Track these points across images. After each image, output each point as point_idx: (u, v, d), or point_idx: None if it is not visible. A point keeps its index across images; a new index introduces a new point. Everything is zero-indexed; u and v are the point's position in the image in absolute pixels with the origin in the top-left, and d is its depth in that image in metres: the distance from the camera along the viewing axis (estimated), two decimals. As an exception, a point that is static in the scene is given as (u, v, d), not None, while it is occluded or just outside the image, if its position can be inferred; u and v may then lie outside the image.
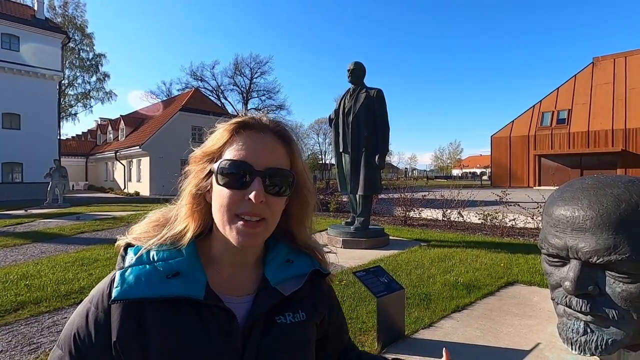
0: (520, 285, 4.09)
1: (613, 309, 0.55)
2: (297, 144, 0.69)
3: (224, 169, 0.61)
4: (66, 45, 23.77)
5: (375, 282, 2.79)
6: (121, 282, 0.59)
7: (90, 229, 8.22)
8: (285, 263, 0.72)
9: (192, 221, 0.65)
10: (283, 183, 0.64)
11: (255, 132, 0.65)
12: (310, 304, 0.72)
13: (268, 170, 0.62)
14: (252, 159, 0.62)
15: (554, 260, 0.61)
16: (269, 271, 0.70)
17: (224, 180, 0.61)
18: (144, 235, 0.66)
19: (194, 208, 0.65)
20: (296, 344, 0.67)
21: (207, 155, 0.65)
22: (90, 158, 31.77)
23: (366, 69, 6.59)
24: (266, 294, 0.67)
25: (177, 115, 23.61)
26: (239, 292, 0.67)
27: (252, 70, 43.04)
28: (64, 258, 5.41)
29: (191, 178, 0.66)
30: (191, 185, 0.65)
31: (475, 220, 8.96)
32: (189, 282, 0.61)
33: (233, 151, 0.63)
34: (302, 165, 0.69)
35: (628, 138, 23.89)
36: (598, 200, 0.56)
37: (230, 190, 0.61)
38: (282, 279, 0.70)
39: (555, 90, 28.74)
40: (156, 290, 0.59)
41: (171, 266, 0.61)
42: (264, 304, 0.65)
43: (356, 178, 6.35)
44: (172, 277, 0.60)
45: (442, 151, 75.43)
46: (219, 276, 0.66)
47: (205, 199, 0.66)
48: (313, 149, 55.34)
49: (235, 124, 0.65)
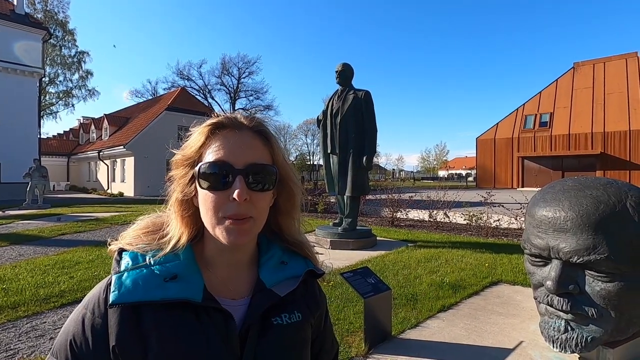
0: (504, 284, 4.17)
1: (592, 307, 0.57)
2: (275, 138, 0.69)
3: (205, 172, 0.61)
4: (47, 42, 23.12)
5: (362, 283, 2.80)
6: (118, 286, 0.58)
7: (72, 231, 8.00)
8: (280, 265, 0.72)
9: (184, 227, 0.66)
10: (266, 179, 0.63)
11: (231, 131, 0.64)
12: (304, 304, 0.73)
13: (249, 167, 0.62)
14: (231, 158, 0.61)
15: (536, 260, 0.63)
16: (264, 273, 0.70)
17: (206, 183, 0.61)
18: (136, 241, 0.66)
19: (183, 214, 0.66)
20: (293, 344, 0.68)
21: (187, 159, 0.65)
22: (73, 158, 30.95)
23: (354, 71, 6.63)
24: (262, 295, 0.67)
25: (163, 114, 23.26)
26: (235, 294, 0.67)
27: (240, 70, 42.75)
28: (43, 261, 5.25)
29: (176, 184, 0.66)
30: (177, 192, 0.66)
31: (461, 220, 9.10)
32: (187, 285, 0.61)
33: (211, 153, 0.62)
34: (283, 158, 0.69)
35: (607, 141, 24.67)
36: (578, 201, 0.57)
37: (214, 192, 0.61)
38: (277, 280, 0.70)
39: (537, 94, 29.49)
40: (154, 294, 0.58)
41: (168, 269, 0.62)
42: (260, 305, 0.66)
43: (344, 179, 6.37)
44: (170, 280, 0.60)
45: (428, 152, 76.27)
46: (214, 279, 0.66)
47: (194, 203, 0.66)
48: (301, 149, 55.32)
49: (209, 125, 0.64)
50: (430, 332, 2.93)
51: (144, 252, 0.63)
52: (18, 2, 20.83)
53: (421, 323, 3.09)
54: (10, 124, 19.15)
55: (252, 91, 43.74)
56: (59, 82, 35.02)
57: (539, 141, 27.28)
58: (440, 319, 3.18)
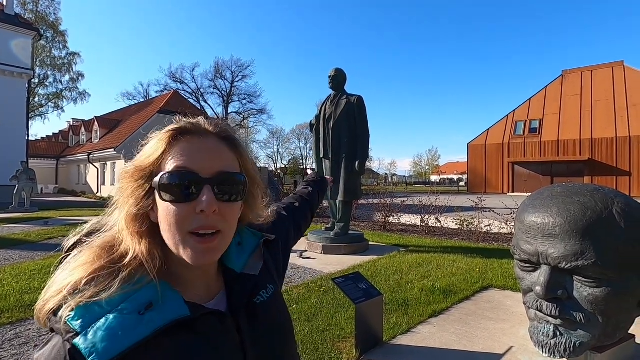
0: (495, 289, 4.20)
1: (580, 313, 0.58)
2: (243, 144, 0.65)
3: (167, 183, 0.54)
4: (37, 43, 22.84)
5: (353, 288, 2.79)
6: (93, 347, 0.47)
7: (59, 235, 7.84)
8: (238, 247, 0.70)
9: (140, 245, 0.56)
10: (235, 189, 0.59)
11: (195, 137, 0.59)
12: (269, 273, 0.75)
13: (217, 175, 0.57)
14: (197, 166, 0.56)
15: (525, 265, 0.64)
16: (230, 261, 0.68)
17: (168, 195, 0.54)
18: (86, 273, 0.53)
19: (139, 230, 0.57)
20: (279, 315, 0.70)
21: (142, 171, 0.58)
22: (61, 160, 30.48)
23: (347, 76, 6.66)
24: (238, 283, 0.66)
25: (155, 117, 23.09)
26: (211, 294, 0.65)
27: (233, 74, 42.65)
28: (29, 266, 5.14)
29: (127, 197, 0.58)
30: (129, 206, 0.57)
31: (453, 225, 9.16)
32: (168, 306, 0.54)
33: (174, 161, 0.56)
34: (251, 166, 0.66)
35: (594, 147, 25.14)
36: (566, 207, 0.58)
37: (178, 205, 0.54)
38: (244, 262, 0.69)
39: (527, 100, 29.99)
40: (139, 333, 0.50)
41: (138, 301, 0.52)
42: (242, 292, 0.66)
43: (336, 184, 6.37)
44: (147, 310, 0.52)
45: (420, 157, 76.97)
46: (189, 291, 0.61)
47: (150, 218, 0.58)
48: (294, 153, 55.28)
49: (171, 131, 0.58)
50: (421, 337, 2.93)
51: (91, 298, 0.51)
52: (7, 3, 20.56)
53: (412, 328, 3.09)
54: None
55: (245, 95, 43.64)
56: (49, 84, 34.60)
57: (528, 147, 27.69)
58: (431, 324, 3.18)
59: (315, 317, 3.26)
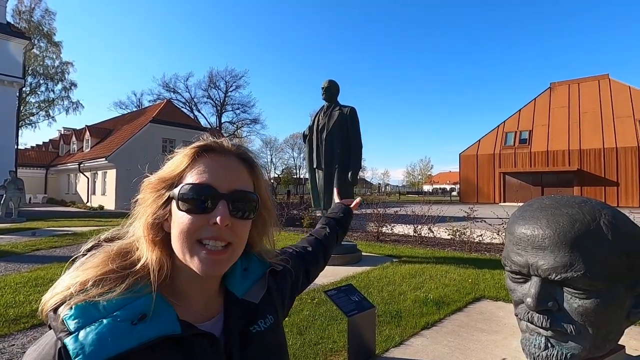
0: (487, 300, 4.20)
1: (571, 324, 0.58)
2: (260, 167, 0.69)
3: (186, 194, 0.58)
4: (29, 52, 22.72)
5: (346, 300, 2.77)
6: (80, 348, 0.48)
7: (47, 246, 7.69)
8: (243, 272, 0.71)
9: (156, 251, 0.60)
10: (248, 206, 0.62)
11: (217, 155, 0.63)
12: (271, 304, 0.74)
13: (233, 193, 0.60)
14: (216, 182, 0.60)
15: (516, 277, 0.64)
16: (232, 284, 0.68)
17: (185, 205, 0.58)
18: (97, 273, 0.55)
19: (154, 239, 0.60)
20: (274, 346, 0.69)
21: (164, 182, 0.61)
22: (51, 169, 30.04)
23: (340, 87, 6.73)
24: (237, 307, 0.66)
25: (148, 126, 22.97)
26: (208, 315, 0.65)
27: (227, 84, 42.88)
28: (15, 278, 5.01)
29: (146, 207, 0.61)
30: (147, 215, 0.60)
31: (445, 235, 9.19)
32: (161, 321, 0.54)
33: (195, 175, 0.60)
34: (264, 188, 0.69)
35: (583, 158, 25.61)
36: (555, 219, 0.59)
37: (193, 215, 0.57)
38: (246, 288, 0.69)
39: (517, 112, 30.56)
40: (128, 342, 0.50)
41: (133, 310, 0.53)
42: (239, 318, 0.65)
43: (329, 194, 6.37)
44: (139, 321, 0.52)
45: (413, 167, 77.50)
46: (186, 307, 0.61)
47: (163, 228, 0.61)
48: (287, 163, 55.29)
49: (196, 147, 0.63)
50: (414, 350, 2.91)
51: (93, 298, 0.52)
52: (0, 12, 20.50)
53: (405, 341, 3.06)
54: (-14, 134, 18.55)
55: (238, 104, 43.82)
56: (40, 93, 34.29)
57: (519, 157, 28.10)
58: (424, 337, 3.16)
59: (307, 330, 3.22)
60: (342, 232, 1.21)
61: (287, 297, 0.84)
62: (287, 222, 11.26)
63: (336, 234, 1.17)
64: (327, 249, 1.10)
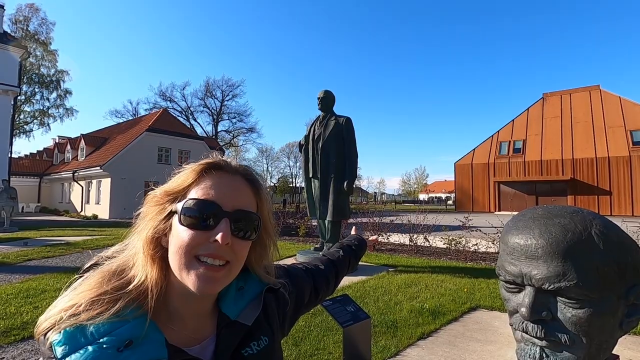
0: (483, 310, 4.19)
1: (565, 334, 0.58)
2: (265, 190, 0.69)
3: (190, 209, 0.58)
4: (25, 60, 22.70)
5: (341, 311, 2.75)
6: None
7: (39, 256, 7.57)
8: (238, 292, 0.69)
9: (152, 267, 0.59)
10: (249, 227, 0.62)
11: (225, 173, 0.63)
12: (267, 325, 0.72)
13: (236, 212, 0.60)
14: (221, 199, 0.59)
15: (510, 286, 0.65)
16: (226, 306, 0.66)
17: (188, 220, 0.57)
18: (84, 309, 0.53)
19: (152, 254, 0.59)
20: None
21: (168, 195, 0.61)
22: (45, 178, 29.77)
23: (335, 97, 6.79)
24: (229, 330, 0.64)
25: (144, 135, 22.89)
26: (200, 338, 0.63)
27: (223, 93, 43.08)
28: (6, 289, 4.92)
29: (148, 220, 0.61)
30: (148, 229, 0.60)
31: (441, 244, 9.19)
32: (147, 347, 0.53)
33: (200, 191, 0.60)
34: (267, 211, 0.68)
35: (576, 167, 25.90)
36: (547, 229, 0.60)
37: (194, 231, 0.57)
38: (240, 309, 0.67)
39: (511, 122, 30.93)
40: None
41: (119, 336, 0.52)
42: (230, 341, 0.63)
43: (325, 204, 6.38)
44: (125, 348, 0.51)
45: (409, 176, 77.90)
46: (177, 330, 0.60)
47: (161, 243, 0.60)
48: (284, 172, 55.31)
49: (204, 164, 0.63)
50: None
51: (83, 322, 0.52)
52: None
53: (401, 352, 3.04)
54: (-21, 142, 18.38)
55: (235, 113, 43.98)
56: (35, 101, 34.18)
57: (513, 166, 28.35)
58: (419, 347, 3.14)
59: (302, 341, 3.19)
60: (354, 259, 1.22)
61: (289, 315, 0.83)
62: (283, 231, 11.22)
63: (349, 259, 1.18)
64: (338, 270, 1.10)
